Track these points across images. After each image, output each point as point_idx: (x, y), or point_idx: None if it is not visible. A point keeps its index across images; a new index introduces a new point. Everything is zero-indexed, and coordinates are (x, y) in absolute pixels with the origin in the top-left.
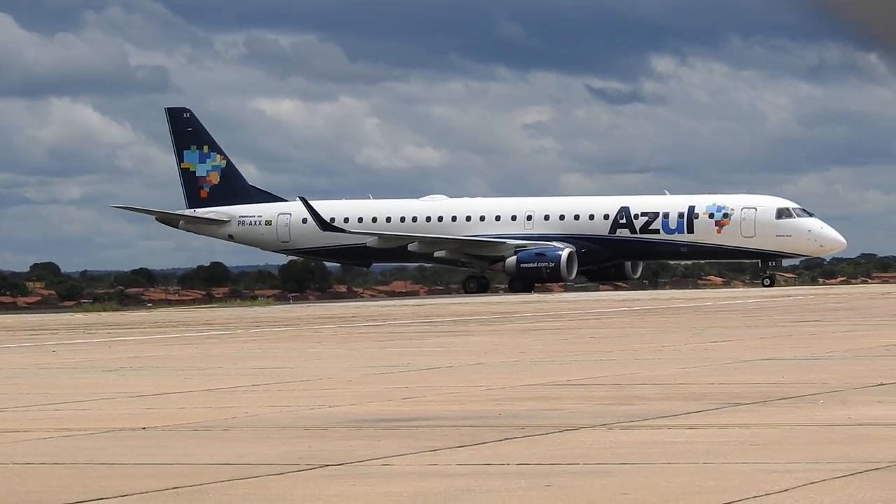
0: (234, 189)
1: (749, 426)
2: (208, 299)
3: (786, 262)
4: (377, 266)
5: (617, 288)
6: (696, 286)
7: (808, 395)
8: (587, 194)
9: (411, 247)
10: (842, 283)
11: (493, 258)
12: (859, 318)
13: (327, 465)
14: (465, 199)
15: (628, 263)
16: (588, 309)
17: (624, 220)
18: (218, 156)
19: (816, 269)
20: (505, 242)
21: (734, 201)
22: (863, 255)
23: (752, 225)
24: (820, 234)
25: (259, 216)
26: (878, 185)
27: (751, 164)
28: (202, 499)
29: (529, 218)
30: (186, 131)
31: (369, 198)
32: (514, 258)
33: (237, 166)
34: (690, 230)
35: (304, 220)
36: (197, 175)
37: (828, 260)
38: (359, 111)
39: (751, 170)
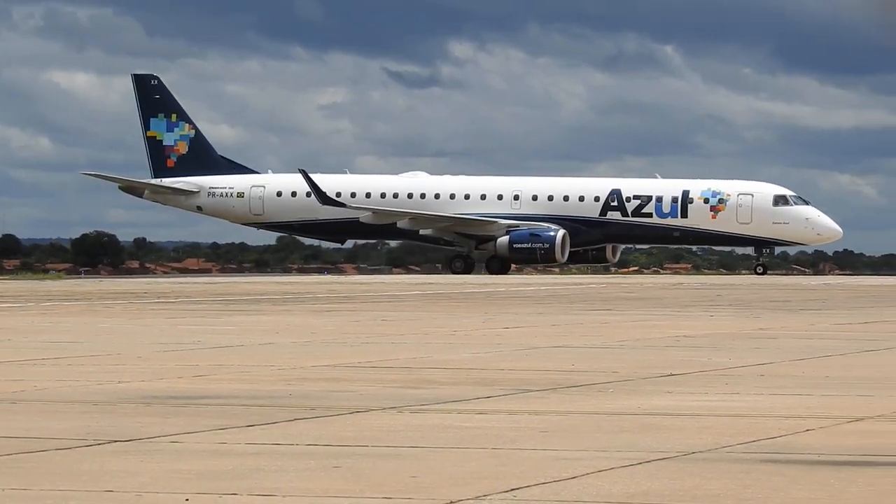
0: (202, 159)
1: (539, 413)
2: None
3: (780, 250)
4: (171, 242)
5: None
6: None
7: (598, 383)
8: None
9: (400, 223)
10: (634, 272)
11: (482, 237)
12: (651, 307)
13: (116, 441)
14: (448, 177)
15: (609, 247)
16: (381, 292)
17: (615, 203)
18: (187, 125)
19: None
20: (497, 222)
21: (730, 187)
22: (654, 246)
23: (749, 211)
24: (817, 223)
25: (231, 188)
26: (670, 176)
27: (546, 151)
28: None
29: (517, 198)
30: (154, 98)
31: (346, 172)
32: (506, 238)
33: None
34: (684, 215)
35: (279, 194)
36: (164, 144)
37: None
38: None
39: (546, 156)
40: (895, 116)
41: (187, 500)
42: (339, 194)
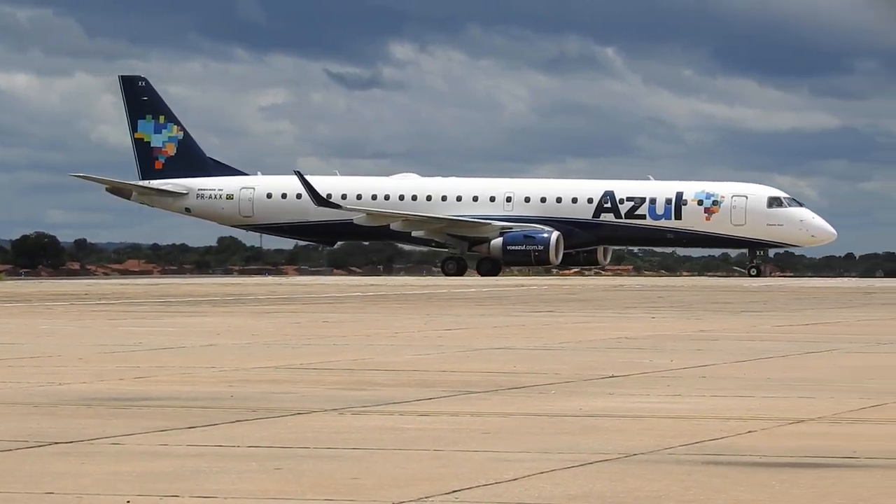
0: (190, 161)
1: (481, 414)
2: None
3: (774, 252)
4: (111, 244)
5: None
6: (430, 273)
7: (540, 385)
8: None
9: (394, 226)
10: (575, 274)
11: (476, 239)
12: (592, 309)
13: (56, 443)
14: (439, 179)
15: (601, 249)
16: (322, 293)
17: (609, 205)
18: (175, 126)
19: None
20: (490, 224)
21: (724, 188)
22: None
23: (743, 213)
24: (811, 225)
25: (220, 190)
26: (612, 177)
27: (488, 153)
28: None
29: (509, 199)
30: (142, 100)
31: (336, 174)
32: (499, 240)
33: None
34: (678, 216)
35: (269, 195)
36: (152, 146)
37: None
38: (95, 87)
39: (488, 158)
40: (835, 119)
41: (128, 501)
42: (329, 196)
